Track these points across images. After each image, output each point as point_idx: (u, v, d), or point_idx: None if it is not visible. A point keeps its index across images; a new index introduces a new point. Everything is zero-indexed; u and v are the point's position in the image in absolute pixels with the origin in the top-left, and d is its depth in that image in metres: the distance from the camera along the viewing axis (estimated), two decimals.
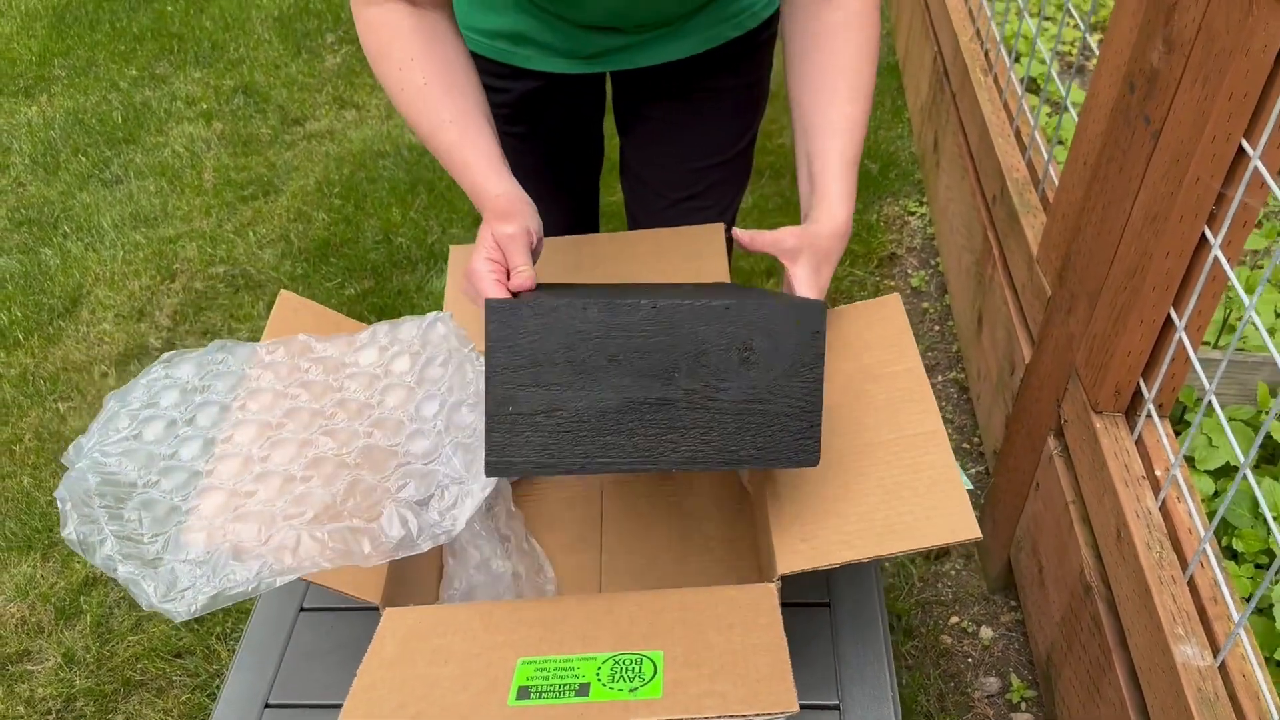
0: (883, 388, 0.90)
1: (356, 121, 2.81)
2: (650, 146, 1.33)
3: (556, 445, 0.74)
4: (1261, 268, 1.95)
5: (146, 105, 2.88)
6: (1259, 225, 2.17)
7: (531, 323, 0.74)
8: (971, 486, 1.26)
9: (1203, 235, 1.13)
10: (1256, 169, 1.04)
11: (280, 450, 0.90)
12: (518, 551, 0.96)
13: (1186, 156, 1.09)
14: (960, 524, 0.77)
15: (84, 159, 2.67)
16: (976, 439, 1.88)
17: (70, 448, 0.88)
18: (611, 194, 2.08)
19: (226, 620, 1.64)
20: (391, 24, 0.96)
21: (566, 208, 1.43)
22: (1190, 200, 1.11)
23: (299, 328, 1.03)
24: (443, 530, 0.84)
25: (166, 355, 0.98)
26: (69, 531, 0.81)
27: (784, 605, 0.78)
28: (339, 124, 2.80)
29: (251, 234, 2.42)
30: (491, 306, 0.73)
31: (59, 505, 0.82)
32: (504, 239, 0.87)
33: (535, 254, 0.91)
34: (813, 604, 0.99)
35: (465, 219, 2.44)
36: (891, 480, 0.82)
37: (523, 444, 0.74)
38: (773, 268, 2.23)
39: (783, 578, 0.80)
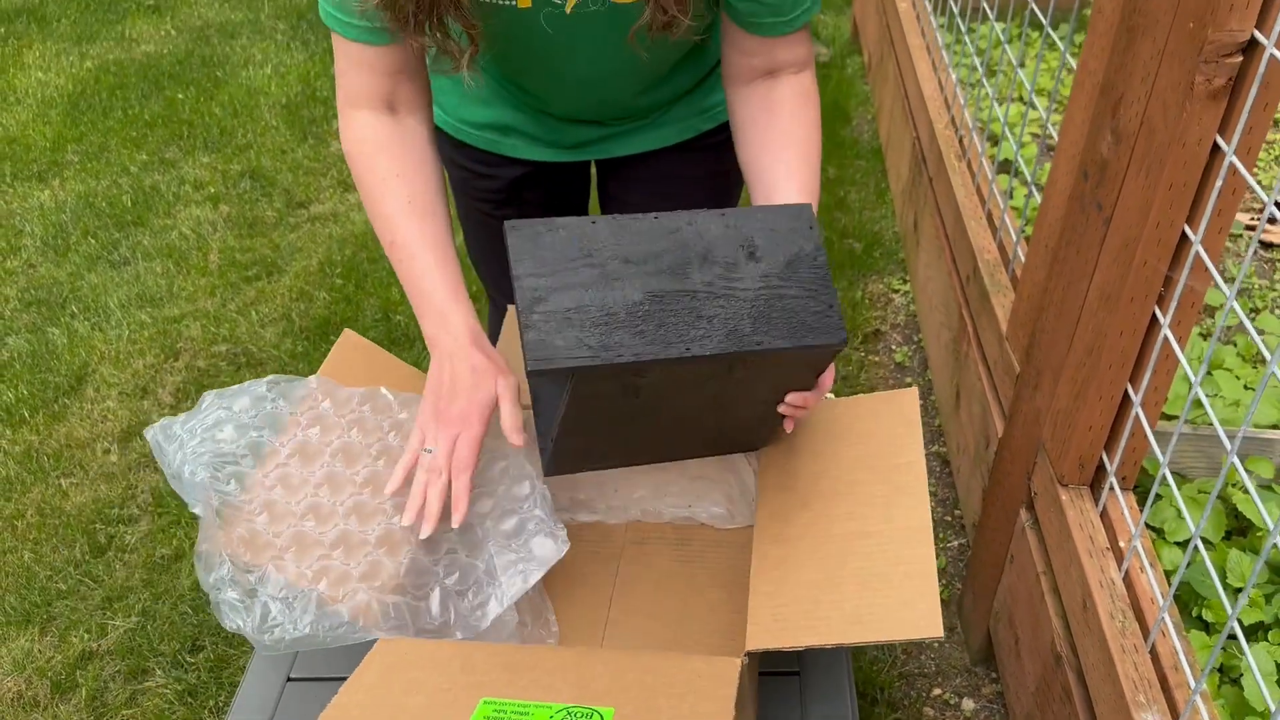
0: (880, 479, 0.94)
1: (359, 205, 2.90)
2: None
3: (593, 338, 0.76)
4: (1234, 343, 2.01)
5: (155, 189, 2.98)
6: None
7: (547, 237, 0.78)
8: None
9: (1154, 315, 1.19)
10: (1198, 254, 1.10)
11: (362, 517, 0.96)
12: (526, 600, 1.00)
13: (1134, 241, 1.16)
14: (926, 621, 0.80)
15: (93, 241, 2.76)
16: (958, 512, 1.92)
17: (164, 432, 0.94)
18: None
19: (220, 693, 1.66)
20: (373, 135, 1.03)
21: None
22: (1140, 282, 1.17)
23: (356, 364, 1.07)
24: (471, 624, 0.89)
25: (271, 378, 1.03)
26: (200, 509, 0.88)
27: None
28: (342, 206, 2.89)
29: (254, 313, 2.49)
30: (510, 226, 0.78)
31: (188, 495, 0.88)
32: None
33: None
34: (783, 673, 1.02)
35: None
36: (870, 571, 0.86)
37: (560, 340, 0.75)
38: None
39: (749, 653, 0.84)
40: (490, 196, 1.37)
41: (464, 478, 0.94)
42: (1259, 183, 2.73)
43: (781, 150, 1.05)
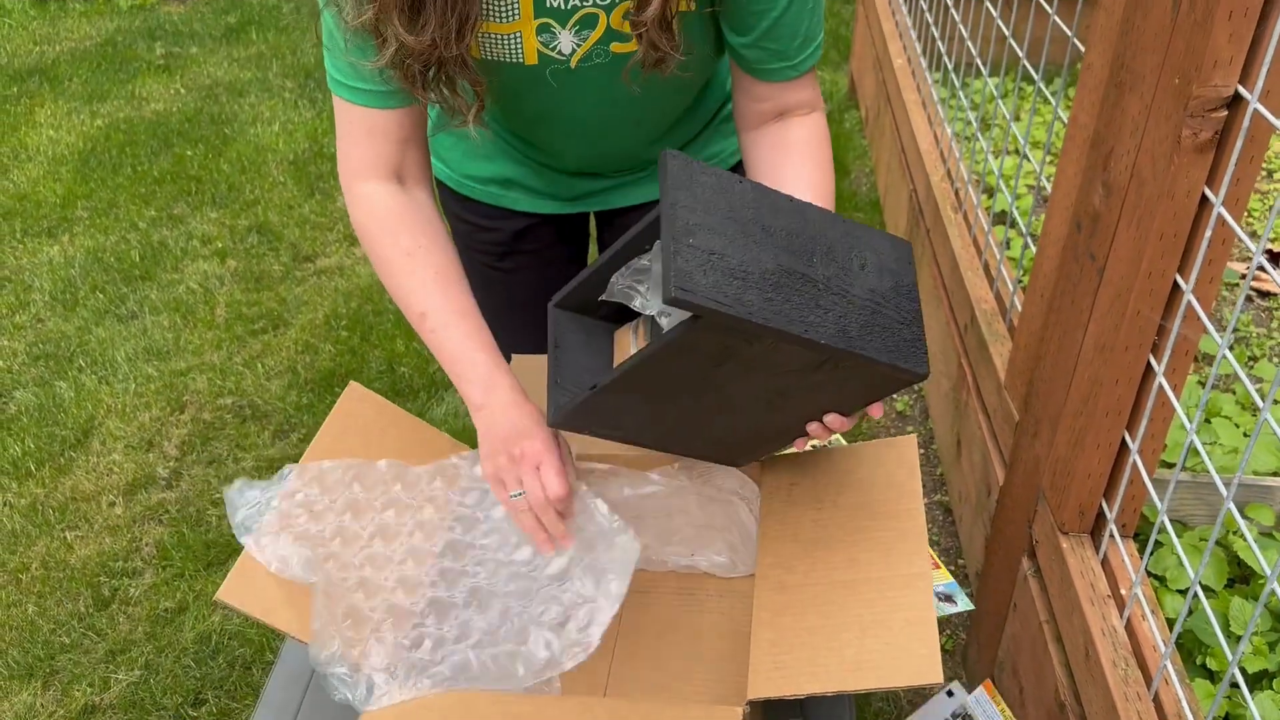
0: (881, 525, 0.95)
1: (365, 258, 2.93)
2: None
3: (730, 289, 0.76)
4: (1233, 392, 2.02)
5: (164, 244, 3.02)
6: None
7: (701, 177, 0.79)
8: (971, 607, 1.30)
9: (1149, 364, 1.21)
10: (1190, 303, 1.12)
11: (448, 582, 1.00)
12: None
13: (1127, 291, 1.18)
14: (926, 667, 0.81)
15: (102, 295, 2.79)
16: (961, 562, 1.92)
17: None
18: None
19: None
20: (386, 209, 1.05)
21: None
22: (1134, 331, 1.19)
23: (362, 417, 1.09)
24: (580, 648, 0.91)
25: (348, 462, 1.05)
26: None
27: None
28: (348, 260, 2.93)
29: (260, 366, 2.51)
30: (670, 154, 0.79)
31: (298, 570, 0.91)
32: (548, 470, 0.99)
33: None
34: None
35: None
36: (870, 618, 0.87)
37: (701, 278, 0.75)
38: None
39: (750, 702, 0.85)
40: (492, 249, 1.39)
41: (562, 506, 0.99)
42: (1253, 232, 2.76)
43: (795, 191, 1.08)
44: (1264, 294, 2.44)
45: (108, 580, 1.97)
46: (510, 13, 0.96)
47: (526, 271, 1.43)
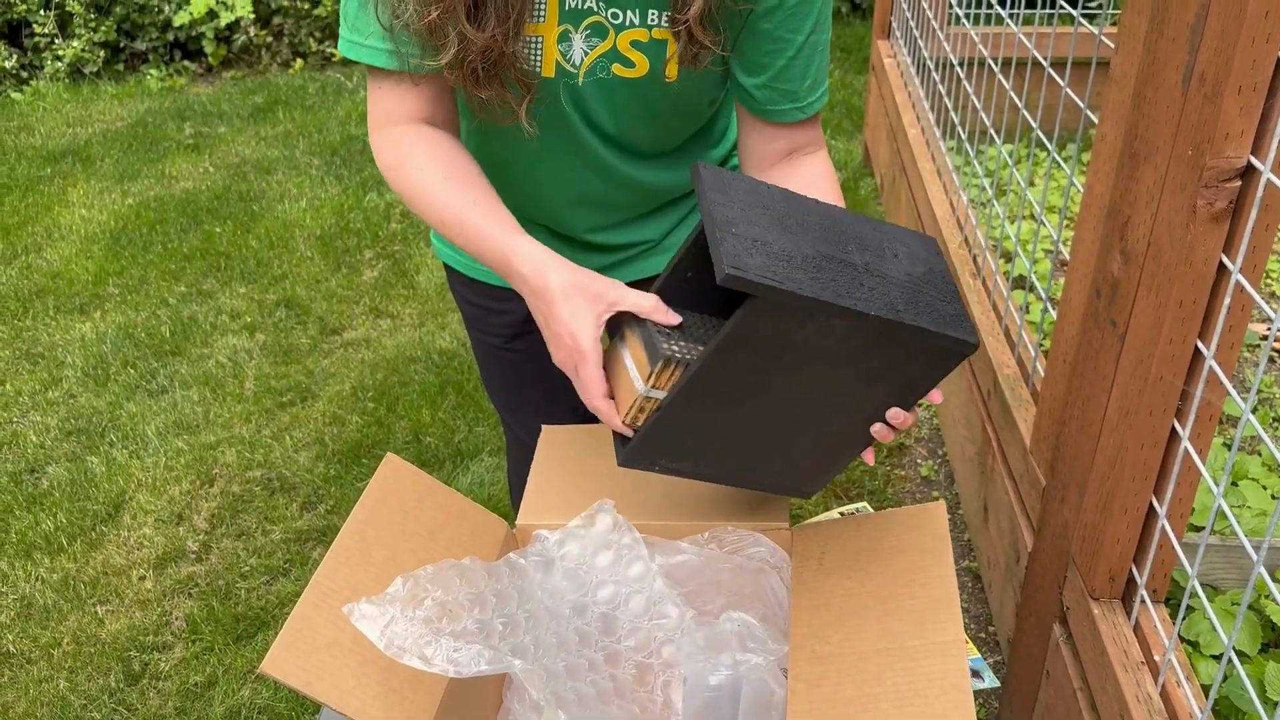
0: (914, 593, 0.96)
1: (391, 330, 2.98)
2: None
3: (778, 269, 0.79)
4: (1259, 453, 2.02)
5: (193, 319, 3.07)
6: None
7: (734, 182, 0.84)
8: (997, 684, 1.30)
9: (1173, 428, 1.22)
10: (1212, 368, 1.13)
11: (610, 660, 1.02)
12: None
13: (1149, 357, 1.19)
14: None
15: (132, 371, 2.84)
16: (991, 629, 1.91)
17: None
18: None
19: None
20: (410, 136, 1.10)
21: (563, 418, 1.53)
22: (1157, 396, 1.20)
23: (399, 489, 1.10)
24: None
25: (462, 565, 1.04)
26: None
27: None
28: (374, 332, 2.97)
29: (288, 438, 2.54)
30: (702, 165, 0.84)
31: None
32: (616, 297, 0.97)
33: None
34: None
35: (490, 417, 2.56)
36: (907, 685, 0.87)
37: (750, 259, 0.79)
38: None
39: None
40: (503, 331, 1.42)
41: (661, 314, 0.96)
42: (1271, 294, 2.77)
43: None
44: None
45: (138, 655, 1.98)
46: (539, 13, 1.03)
47: (537, 352, 1.45)
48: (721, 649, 0.96)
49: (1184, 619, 1.22)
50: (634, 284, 1.39)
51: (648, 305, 0.96)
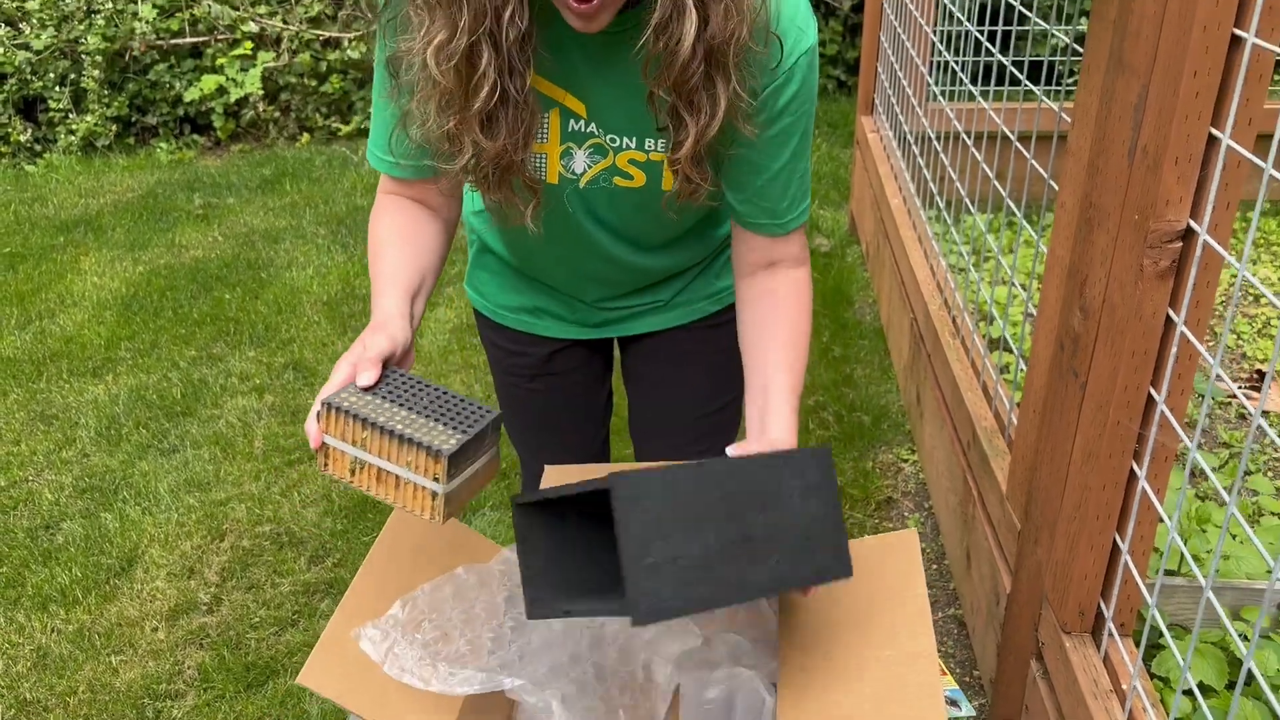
0: (890, 610, 1.04)
1: None
2: (650, 398, 1.56)
3: (684, 591, 0.87)
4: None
5: (204, 381, 3.17)
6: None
7: (648, 486, 0.88)
8: (974, 713, 1.38)
9: (1132, 470, 1.32)
10: (1163, 412, 1.24)
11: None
12: None
13: (1107, 404, 1.30)
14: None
15: (144, 431, 2.93)
16: (976, 672, 1.98)
17: None
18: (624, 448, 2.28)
19: None
20: (394, 204, 1.25)
21: (578, 455, 1.63)
22: (1115, 440, 1.31)
23: (413, 529, 1.19)
24: None
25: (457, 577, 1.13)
26: None
27: None
28: None
29: (296, 495, 2.62)
30: (616, 479, 0.87)
31: None
32: (369, 343, 1.07)
33: (402, 363, 1.11)
34: None
35: (494, 479, 2.65)
36: (885, 691, 0.96)
37: (661, 591, 0.86)
38: None
39: None
40: (524, 371, 1.54)
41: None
42: (1244, 354, 2.90)
43: (773, 339, 1.22)
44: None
45: (151, 702, 2.04)
46: (543, 134, 1.15)
47: (555, 392, 1.57)
48: (716, 666, 1.04)
49: (1144, 650, 1.31)
50: (640, 337, 1.51)
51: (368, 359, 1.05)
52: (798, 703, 0.96)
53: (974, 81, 3.29)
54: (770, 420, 1.15)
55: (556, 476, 1.39)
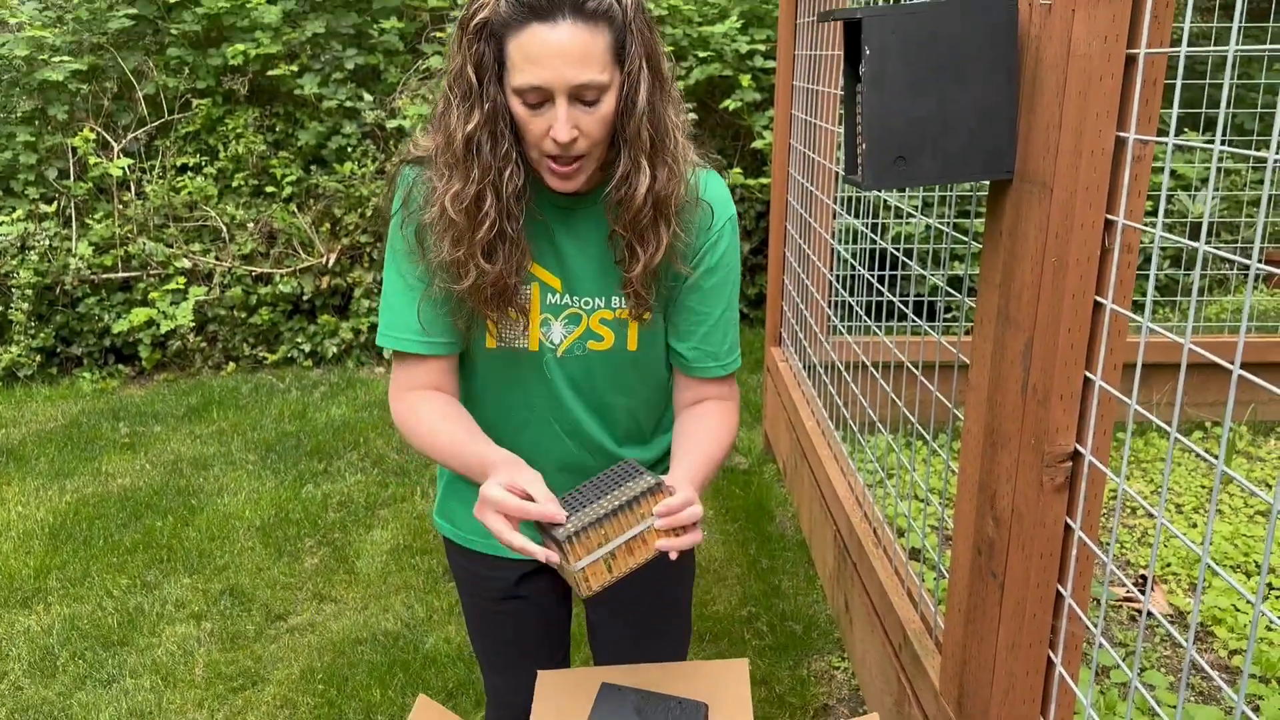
0: None
1: (335, 614, 3.13)
2: (606, 610, 1.74)
3: None
4: None
5: (139, 609, 3.17)
6: None
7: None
8: None
9: (1049, 658, 1.53)
10: (1070, 606, 1.47)
11: None
12: None
13: (1024, 600, 1.52)
14: None
15: (81, 662, 2.90)
16: None
17: None
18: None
19: None
20: (421, 396, 1.48)
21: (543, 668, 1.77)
22: (1034, 631, 1.52)
23: None
24: None
25: None
26: None
27: None
28: (319, 617, 3.12)
29: None
30: None
31: None
32: (524, 480, 1.31)
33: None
34: None
35: (439, 694, 2.70)
36: None
37: None
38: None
39: None
40: (493, 593, 1.69)
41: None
42: (1128, 560, 3.19)
43: (691, 443, 1.50)
44: (1148, 614, 2.82)
45: None
46: (524, 303, 1.45)
47: (523, 613, 1.72)
48: None
49: None
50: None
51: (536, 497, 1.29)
52: None
53: (872, 316, 3.68)
54: (682, 479, 1.38)
55: (551, 681, 1.52)
